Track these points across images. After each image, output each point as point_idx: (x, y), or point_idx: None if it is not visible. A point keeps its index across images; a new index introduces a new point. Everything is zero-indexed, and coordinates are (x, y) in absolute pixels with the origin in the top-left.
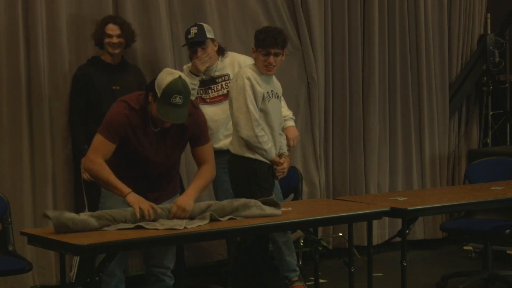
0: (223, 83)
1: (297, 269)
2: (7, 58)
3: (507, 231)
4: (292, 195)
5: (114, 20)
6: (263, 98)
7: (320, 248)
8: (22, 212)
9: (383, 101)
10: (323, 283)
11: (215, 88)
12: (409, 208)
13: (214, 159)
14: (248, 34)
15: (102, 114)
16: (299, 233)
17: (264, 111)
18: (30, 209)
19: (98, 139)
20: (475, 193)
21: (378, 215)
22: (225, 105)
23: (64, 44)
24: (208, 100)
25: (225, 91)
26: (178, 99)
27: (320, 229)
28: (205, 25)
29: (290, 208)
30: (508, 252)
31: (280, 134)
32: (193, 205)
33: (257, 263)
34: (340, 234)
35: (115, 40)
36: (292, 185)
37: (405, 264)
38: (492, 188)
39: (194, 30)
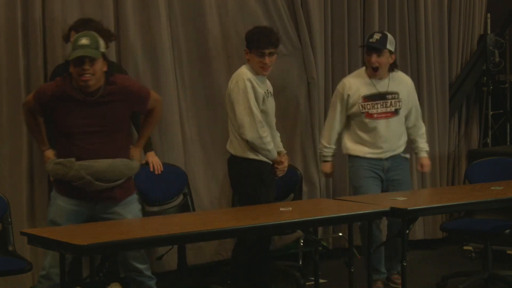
0: (393, 101)
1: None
2: (6, 58)
3: (507, 231)
4: (292, 195)
5: (76, 30)
6: (263, 99)
7: (320, 248)
8: (22, 212)
9: None
10: (323, 283)
11: (384, 104)
12: (409, 208)
13: (159, 106)
14: None
15: None
16: (299, 233)
17: (264, 112)
18: (30, 209)
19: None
20: (475, 193)
21: (378, 215)
22: (390, 122)
23: (64, 44)
24: (375, 115)
25: (393, 109)
26: (84, 41)
27: (320, 229)
28: (389, 36)
29: (290, 208)
30: (508, 252)
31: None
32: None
33: (257, 263)
34: (340, 234)
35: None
36: (292, 185)
37: (405, 264)
38: (492, 188)
39: (377, 36)
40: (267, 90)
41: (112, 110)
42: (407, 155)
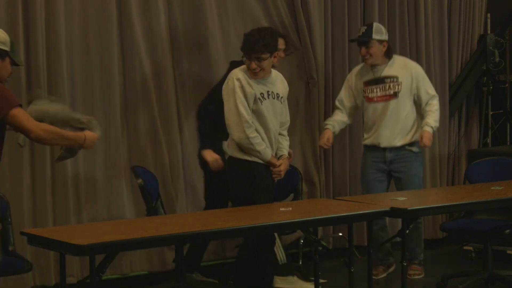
0: (391, 84)
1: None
2: None
3: (507, 231)
4: (292, 195)
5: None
6: (255, 99)
7: (320, 248)
8: (22, 212)
9: None
10: (323, 283)
11: (383, 87)
12: (409, 208)
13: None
14: None
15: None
16: (299, 233)
17: (257, 112)
18: (30, 209)
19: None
20: (475, 193)
21: (378, 215)
22: (390, 104)
23: (64, 44)
24: (375, 98)
25: (391, 92)
26: None
27: (320, 229)
28: (375, 25)
29: (290, 208)
30: (508, 252)
31: (282, 135)
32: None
33: (259, 263)
34: (340, 234)
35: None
36: (292, 185)
37: (405, 264)
38: (492, 188)
39: (363, 29)
40: (268, 91)
41: None
42: (415, 149)
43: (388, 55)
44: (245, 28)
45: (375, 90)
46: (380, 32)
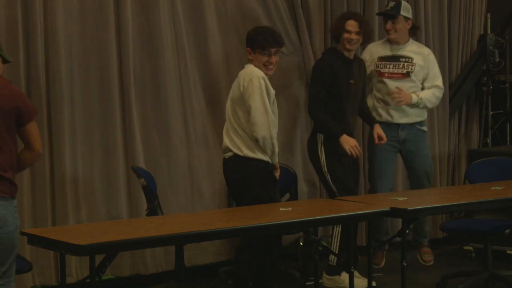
0: (405, 63)
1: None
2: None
3: (507, 231)
4: (288, 195)
5: (354, 16)
6: (273, 100)
7: (320, 248)
8: (22, 212)
9: None
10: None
11: (397, 65)
12: (409, 208)
13: (37, 146)
14: None
15: (340, 108)
16: (299, 233)
17: (273, 113)
18: (30, 209)
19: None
20: (475, 193)
21: (378, 215)
22: (401, 83)
23: (63, 44)
24: (386, 74)
25: (404, 71)
26: None
27: (320, 229)
28: (403, 3)
29: (290, 208)
30: (508, 252)
31: None
32: None
33: (260, 264)
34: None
35: (353, 36)
36: (287, 185)
37: (405, 264)
38: (492, 188)
39: (391, 4)
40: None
41: None
42: (424, 128)
43: (410, 34)
44: (245, 28)
45: (388, 66)
46: (407, 10)
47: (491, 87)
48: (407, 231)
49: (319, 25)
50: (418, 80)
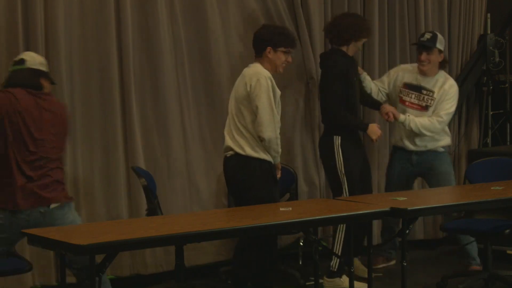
0: (426, 97)
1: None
2: (6, 58)
3: (507, 231)
4: (288, 195)
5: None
6: (278, 101)
7: (320, 248)
8: None
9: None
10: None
11: (419, 96)
12: (409, 208)
13: None
14: (248, 34)
15: (353, 105)
16: (299, 233)
17: (277, 113)
18: None
19: None
20: (475, 193)
21: (378, 215)
22: (419, 114)
23: (63, 45)
24: (407, 103)
25: (423, 104)
26: None
27: (320, 229)
28: (439, 36)
29: (290, 208)
30: (508, 252)
31: None
32: None
33: (259, 264)
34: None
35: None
36: (287, 185)
37: (405, 264)
38: (492, 188)
39: (428, 35)
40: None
41: None
42: (440, 149)
43: (440, 67)
44: (245, 28)
45: (410, 95)
46: (442, 43)
47: (491, 87)
48: (407, 231)
49: (319, 25)
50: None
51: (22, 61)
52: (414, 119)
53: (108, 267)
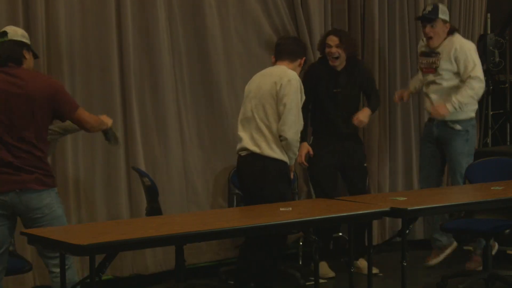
0: (434, 58)
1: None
2: None
3: (507, 231)
4: None
5: (334, 32)
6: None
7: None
8: None
9: (383, 101)
10: (323, 283)
11: (428, 60)
12: (409, 208)
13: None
14: (248, 34)
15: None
16: (299, 233)
17: None
18: None
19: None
20: (475, 193)
21: (378, 215)
22: (433, 76)
23: (64, 44)
24: (423, 69)
25: (433, 66)
26: None
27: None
28: (441, 6)
29: (290, 208)
30: (508, 252)
31: None
32: None
33: (261, 263)
34: (340, 234)
35: (333, 50)
36: None
37: (405, 264)
38: (492, 188)
39: (429, 7)
40: None
41: None
42: (457, 127)
43: (450, 34)
44: (245, 28)
45: (423, 61)
46: (445, 13)
47: (491, 87)
48: (407, 231)
49: (319, 25)
50: (448, 74)
51: (4, 33)
52: (458, 99)
53: (108, 267)
